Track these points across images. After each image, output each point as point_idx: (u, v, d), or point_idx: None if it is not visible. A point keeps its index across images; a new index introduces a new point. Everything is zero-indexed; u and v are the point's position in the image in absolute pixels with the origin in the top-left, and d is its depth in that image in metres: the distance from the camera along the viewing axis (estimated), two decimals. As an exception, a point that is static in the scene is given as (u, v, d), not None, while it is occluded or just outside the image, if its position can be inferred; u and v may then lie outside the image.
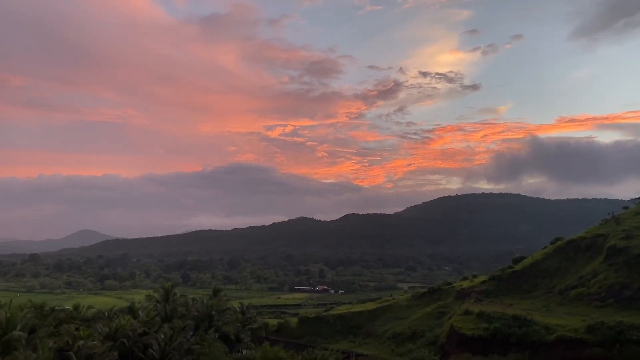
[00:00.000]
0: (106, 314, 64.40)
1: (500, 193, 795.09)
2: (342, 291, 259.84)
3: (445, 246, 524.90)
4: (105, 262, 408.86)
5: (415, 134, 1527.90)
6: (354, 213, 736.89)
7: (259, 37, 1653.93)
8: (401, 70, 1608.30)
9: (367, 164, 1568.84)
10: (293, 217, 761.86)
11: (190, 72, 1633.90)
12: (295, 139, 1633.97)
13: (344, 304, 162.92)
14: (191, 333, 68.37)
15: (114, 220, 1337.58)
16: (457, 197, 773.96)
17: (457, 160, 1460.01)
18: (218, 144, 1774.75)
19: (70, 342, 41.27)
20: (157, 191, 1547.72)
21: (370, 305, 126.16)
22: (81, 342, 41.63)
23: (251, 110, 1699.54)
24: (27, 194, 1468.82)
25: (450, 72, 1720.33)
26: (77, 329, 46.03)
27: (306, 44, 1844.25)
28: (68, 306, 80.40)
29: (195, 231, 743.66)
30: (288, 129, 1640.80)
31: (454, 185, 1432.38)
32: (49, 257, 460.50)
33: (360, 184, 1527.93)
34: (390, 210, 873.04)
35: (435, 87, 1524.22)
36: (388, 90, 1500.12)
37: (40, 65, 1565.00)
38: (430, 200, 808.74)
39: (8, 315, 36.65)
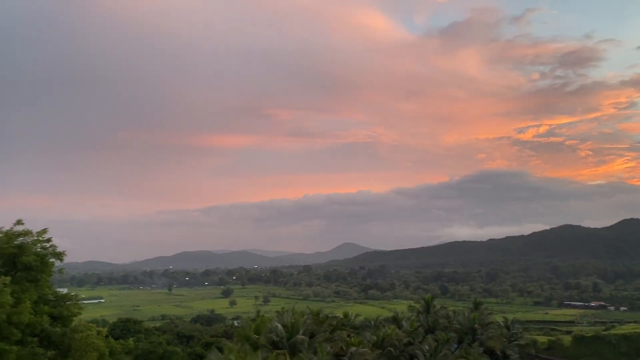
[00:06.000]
0: (372, 322, 67.76)
1: None
2: (625, 308, 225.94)
3: None
4: (367, 273, 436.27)
5: None
6: (632, 218, 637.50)
7: (502, 38, 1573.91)
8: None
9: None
10: (555, 225, 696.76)
11: (433, 84, 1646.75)
12: (552, 139, 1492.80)
13: (629, 322, 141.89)
14: (455, 346, 67.17)
15: (370, 233, 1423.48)
16: None
17: None
18: (465, 153, 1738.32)
19: (344, 348, 44.36)
20: (407, 204, 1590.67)
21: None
22: (353, 349, 44.33)
23: (499, 114, 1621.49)
24: (297, 212, 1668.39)
25: None
26: (348, 336, 49.32)
27: (557, 35, 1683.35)
28: (338, 314, 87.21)
29: (449, 242, 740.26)
30: (542, 129, 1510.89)
31: None
32: (319, 268, 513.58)
33: (638, 183, 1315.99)
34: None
35: None
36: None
37: (303, 99, 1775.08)
38: None
39: (292, 320, 41.42)
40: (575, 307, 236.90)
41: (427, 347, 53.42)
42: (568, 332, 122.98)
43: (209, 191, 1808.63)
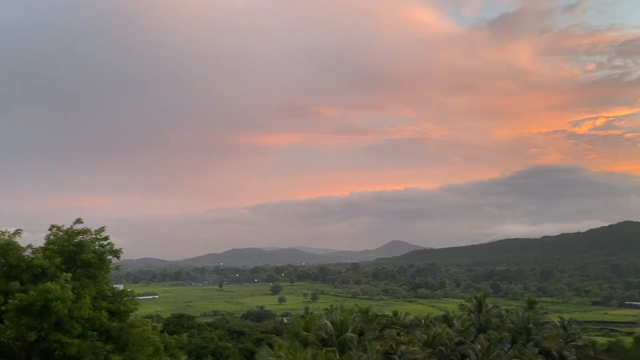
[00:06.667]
0: (422, 321, 66.91)
1: None
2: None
3: None
4: (416, 271, 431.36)
5: None
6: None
7: (555, 28, 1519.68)
8: None
9: None
10: (615, 221, 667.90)
11: (483, 77, 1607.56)
12: (610, 132, 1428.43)
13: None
14: (508, 346, 65.49)
15: (419, 231, 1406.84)
16: None
17: None
18: (517, 148, 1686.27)
19: (394, 347, 43.98)
20: (457, 201, 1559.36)
21: None
22: (403, 347, 43.90)
23: (553, 107, 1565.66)
24: (344, 209, 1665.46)
25: None
26: (398, 334, 48.85)
27: (614, 23, 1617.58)
28: (387, 312, 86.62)
29: (501, 240, 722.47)
30: (599, 121, 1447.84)
31: None
32: (367, 266, 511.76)
33: None
34: None
35: None
36: None
37: (349, 95, 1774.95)
38: None
39: (341, 318, 41.37)
40: (637, 307, 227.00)
41: (479, 347, 52.34)
42: (629, 334, 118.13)
43: (257, 189, 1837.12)
